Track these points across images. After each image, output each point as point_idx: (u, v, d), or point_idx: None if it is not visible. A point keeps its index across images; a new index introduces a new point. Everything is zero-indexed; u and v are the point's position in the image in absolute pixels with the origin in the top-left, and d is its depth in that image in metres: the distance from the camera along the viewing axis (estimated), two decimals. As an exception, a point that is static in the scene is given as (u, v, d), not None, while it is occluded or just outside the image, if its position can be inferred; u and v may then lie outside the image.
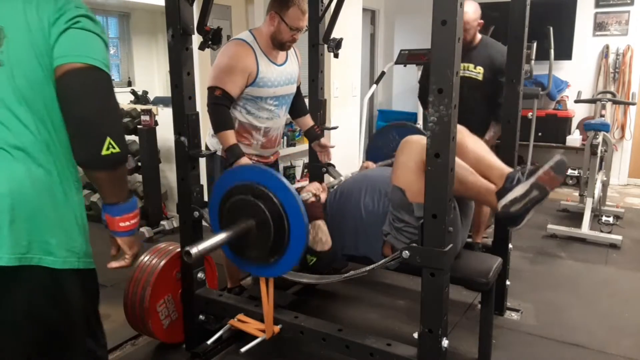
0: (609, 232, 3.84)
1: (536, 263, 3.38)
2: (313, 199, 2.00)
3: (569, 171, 5.39)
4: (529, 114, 5.19)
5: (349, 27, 4.15)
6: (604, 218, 4.12)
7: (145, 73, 6.89)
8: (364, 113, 4.77)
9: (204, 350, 2.19)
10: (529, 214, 1.84)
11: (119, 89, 5.88)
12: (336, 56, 2.84)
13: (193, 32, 2.04)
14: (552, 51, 4.96)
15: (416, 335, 1.65)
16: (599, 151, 4.06)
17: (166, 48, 2.05)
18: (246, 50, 2.30)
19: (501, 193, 1.82)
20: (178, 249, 2.25)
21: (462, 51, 3.81)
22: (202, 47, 2.14)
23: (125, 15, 6.76)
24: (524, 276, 3.12)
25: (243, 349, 1.89)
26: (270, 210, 1.65)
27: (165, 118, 3.89)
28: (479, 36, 3.06)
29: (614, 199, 4.93)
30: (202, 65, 3.35)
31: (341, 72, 3.97)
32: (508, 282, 2.61)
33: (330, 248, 2.03)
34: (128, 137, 3.99)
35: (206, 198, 2.26)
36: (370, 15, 6.30)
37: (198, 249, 1.57)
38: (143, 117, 3.85)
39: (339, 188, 2.18)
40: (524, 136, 2.83)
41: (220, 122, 2.27)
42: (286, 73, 2.46)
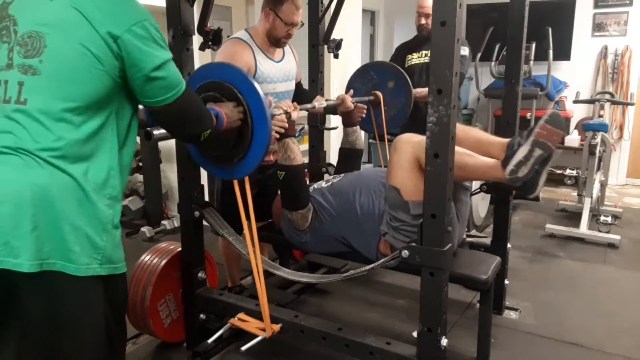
0: (607, 232, 3.85)
1: (535, 262, 3.39)
2: (283, 116, 2.00)
3: (568, 171, 5.41)
4: (528, 115, 5.24)
5: (349, 28, 4.16)
6: (602, 218, 4.13)
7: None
8: (364, 113, 4.77)
9: (205, 349, 2.20)
10: (542, 178, 1.80)
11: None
12: (336, 57, 2.86)
13: (193, 33, 2.04)
14: (551, 52, 4.99)
15: (415, 334, 1.66)
16: (598, 151, 4.08)
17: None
18: (243, 47, 2.31)
19: (505, 161, 1.80)
20: (179, 249, 2.26)
21: (424, 39, 3.78)
22: (203, 48, 2.15)
23: (125, 15, 6.75)
24: (523, 275, 3.13)
25: (243, 348, 1.90)
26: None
27: (165, 118, 3.89)
28: None
29: (612, 199, 4.94)
30: (203, 65, 3.35)
31: (341, 73, 3.98)
32: (507, 282, 2.62)
33: (299, 164, 2.06)
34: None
35: (206, 198, 2.28)
36: (370, 16, 6.31)
37: (160, 131, 1.57)
38: (144, 117, 3.86)
39: (334, 185, 2.19)
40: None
41: None
42: (284, 70, 2.47)
